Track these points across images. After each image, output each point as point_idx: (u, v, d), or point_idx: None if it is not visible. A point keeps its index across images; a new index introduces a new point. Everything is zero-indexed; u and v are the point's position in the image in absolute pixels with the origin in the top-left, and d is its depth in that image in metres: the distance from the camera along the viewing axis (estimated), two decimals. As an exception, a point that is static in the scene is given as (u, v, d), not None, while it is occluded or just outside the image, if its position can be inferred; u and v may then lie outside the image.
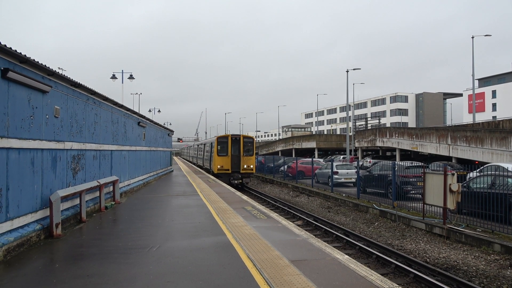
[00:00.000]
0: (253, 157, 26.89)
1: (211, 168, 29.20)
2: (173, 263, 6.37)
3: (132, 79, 34.28)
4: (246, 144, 26.76)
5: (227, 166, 26.20)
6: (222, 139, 26.86)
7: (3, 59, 6.80)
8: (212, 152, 27.93)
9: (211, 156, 28.64)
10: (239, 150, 26.55)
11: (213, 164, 27.39)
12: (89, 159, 11.49)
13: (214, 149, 26.83)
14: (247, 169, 26.54)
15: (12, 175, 7.06)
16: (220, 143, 26.70)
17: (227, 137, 26.76)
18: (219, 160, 26.25)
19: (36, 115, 8.04)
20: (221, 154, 26.48)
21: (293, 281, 5.39)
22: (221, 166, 26.12)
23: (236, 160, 26.42)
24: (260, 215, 10.93)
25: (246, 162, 26.48)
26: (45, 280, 5.58)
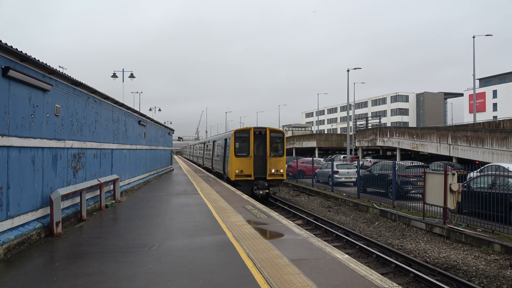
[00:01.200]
0: (283, 158, 19.99)
1: (225, 172, 22.11)
2: (173, 262, 6.38)
3: (133, 77, 34.25)
4: (274, 141, 19.89)
5: (249, 170, 19.33)
6: (241, 134, 19.86)
7: (4, 58, 6.80)
8: (227, 151, 21.13)
9: (225, 156, 21.77)
10: (265, 148, 19.67)
11: (228, 167, 20.49)
12: (89, 158, 11.50)
13: (231, 147, 19.94)
14: (275, 175, 19.65)
15: (12, 173, 7.07)
16: (239, 139, 19.83)
17: (248, 131, 19.74)
18: (237, 163, 19.43)
19: (36, 113, 8.04)
20: (240, 154, 19.57)
21: (293, 280, 5.40)
22: (240, 171, 19.26)
23: (260, 162, 19.62)
24: (261, 214, 10.93)
25: (275, 165, 19.56)
26: (45, 279, 5.59)
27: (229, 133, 22.16)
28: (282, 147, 20.13)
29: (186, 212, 11.40)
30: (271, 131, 19.85)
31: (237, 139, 19.89)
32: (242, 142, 19.78)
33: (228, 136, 21.55)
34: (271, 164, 19.56)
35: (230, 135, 20.44)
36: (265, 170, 19.57)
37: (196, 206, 12.65)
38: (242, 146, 19.76)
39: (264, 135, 19.73)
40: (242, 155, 19.56)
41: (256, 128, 20.11)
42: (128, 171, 16.97)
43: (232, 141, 19.80)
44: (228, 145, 21.07)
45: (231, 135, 20.03)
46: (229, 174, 20.23)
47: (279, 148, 20.14)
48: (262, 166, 19.64)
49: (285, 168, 20.32)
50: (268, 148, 19.58)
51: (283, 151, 20.13)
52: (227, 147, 21.58)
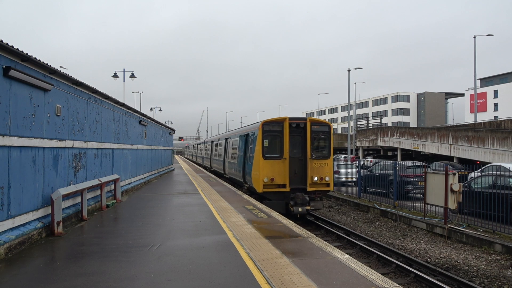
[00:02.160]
0: (329, 161, 14.61)
1: (245, 180, 16.61)
2: (173, 262, 6.38)
3: (134, 77, 34.29)
4: (317, 136, 14.62)
5: (282, 178, 14.07)
6: (271, 127, 14.55)
7: (5, 58, 6.81)
8: (249, 152, 15.81)
9: (246, 159, 16.35)
10: (304, 147, 14.35)
11: (253, 174, 14.88)
12: (90, 158, 11.51)
13: (256, 146, 14.61)
14: (318, 185, 14.29)
15: (13, 173, 7.07)
16: (269, 135, 14.49)
17: (282, 123, 14.31)
18: (266, 168, 14.12)
19: (37, 113, 8.05)
20: (271, 155, 14.25)
21: (294, 280, 5.39)
22: (270, 179, 13.97)
23: (298, 167, 14.34)
24: (261, 214, 10.94)
25: (318, 170, 14.23)
26: (46, 278, 5.60)
27: (252, 126, 16.44)
28: (328, 146, 14.66)
29: (186, 212, 11.40)
30: (313, 123, 14.44)
31: (266, 134, 14.34)
32: (272, 138, 14.41)
33: (251, 131, 15.99)
34: (313, 170, 14.08)
35: (255, 129, 15.04)
36: (305, 178, 14.11)
37: (197, 206, 12.66)
38: (273, 144, 14.39)
39: (303, 128, 14.28)
40: (273, 156, 14.09)
41: (293, 119, 14.30)
42: (129, 171, 16.98)
43: (259, 137, 14.29)
44: (251, 142, 15.63)
45: (257, 129, 14.51)
46: (254, 183, 14.51)
47: (324, 147, 14.67)
48: (301, 172, 14.25)
49: (332, 175, 14.53)
50: (308, 146, 14.12)
51: (329, 151, 14.58)
52: (248, 145, 16.18)
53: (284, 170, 13.99)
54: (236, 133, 20.26)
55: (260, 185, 13.96)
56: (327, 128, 14.81)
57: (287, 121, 14.14)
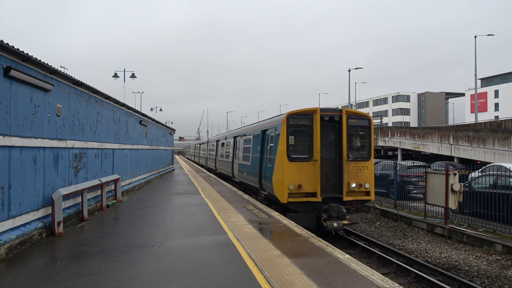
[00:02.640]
0: (370, 163, 11.88)
1: (262, 186, 13.79)
2: (174, 262, 6.38)
3: (134, 77, 34.29)
4: (355, 132, 11.88)
5: (312, 185, 11.34)
6: (299, 120, 11.66)
7: (6, 58, 6.82)
8: (270, 151, 12.89)
9: (264, 160, 13.59)
10: (339, 146, 11.72)
11: (275, 178, 12.05)
12: (91, 158, 11.51)
13: (279, 145, 11.74)
14: (357, 193, 11.69)
15: (14, 173, 7.08)
16: (295, 130, 11.69)
17: (311, 116, 11.59)
18: (292, 172, 11.38)
19: (38, 113, 8.06)
20: (297, 156, 11.54)
21: (294, 280, 5.39)
22: (296, 186, 11.27)
23: (331, 170, 11.69)
24: (262, 214, 10.93)
25: (356, 175, 11.59)
26: (46, 278, 5.60)
27: (272, 120, 13.43)
28: (368, 144, 11.96)
29: (187, 212, 11.40)
30: (350, 116, 11.71)
31: (292, 129, 11.49)
32: (299, 134, 11.65)
33: (270, 126, 13.10)
34: (349, 174, 11.41)
35: (277, 123, 12.22)
36: (340, 184, 11.47)
37: (197, 206, 12.66)
38: (300, 142, 11.71)
39: (338, 122, 11.60)
40: (301, 158, 11.40)
41: (325, 110, 11.62)
42: (129, 171, 16.99)
43: (283, 134, 11.48)
44: (270, 140, 12.82)
45: (281, 124, 11.70)
46: (276, 190, 11.72)
47: (364, 146, 12.03)
48: (334, 177, 11.60)
49: (373, 181, 11.82)
50: (344, 145, 11.42)
51: (369, 150, 11.87)
52: (266, 144, 13.39)
53: (315, 175, 11.23)
54: (249, 129, 17.16)
55: (285, 194, 11.15)
56: (366, 122, 11.98)
57: (318, 113, 11.36)
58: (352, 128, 11.72)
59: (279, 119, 12.30)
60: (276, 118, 13.23)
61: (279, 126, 11.96)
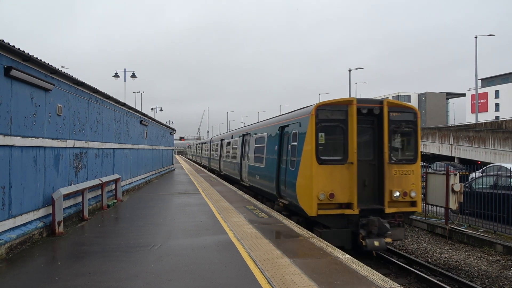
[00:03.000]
0: (416, 166, 9.85)
1: (281, 193, 11.62)
2: (174, 262, 6.38)
3: (135, 77, 34.30)
4: (399, 129, 9.91)
5: (347, 193, 9.31)
6: (330, 113, 9.57)
7: (6, 57, 6.82)
8: (292, 152, 10.76)
9: (283, 163, 11.55)
10: (379, 145, 9.67)
11: (300, 185, 9.95)
12: (91, 157, 11.52)
13: (307, 143, 9.62)
14: (400, 202, 9.57)
15: (14, 173, 7.08)
16: (326, 125, 9.60)
17: (346, 107, 9.54)
18: (322, 176, 9.33)
19: (38, 113, 8.06)
20: (328, 158, 9.52)
21: (295, 281, 5.39)
22: (328, 195, 9.22)
23: (369, 175, 9.69)
24: (262, 214, 10.93)
25: (399, 181, 9.58)
26: (47, 278, 5.60)
27: (295, 114, 11.03)
28: (414, 143, 9.93)
29: (187, 212, 11.40)
30: (392, 109, 9.62)
31: (323, 124, 9.44)
32: (331, 131, 9.59)
33: (293, 121, 10.87)
34: (392, 180, 9.40)
35: (302, 117, 10.05)
36: (380, 192, 9.42)
37: (198, 206, 12.66)
38: (332, 141, 9.65)
39: (378, 116, 9.54)
40: (333, 160, 9.38)
41: (363, 101, 9.55)
42: (130, 170, 16.99)
43: (311, 130, 9.39)
44: (293, 138, 10.60)
45: (308, 118, 9.58)
46: (302, 200, 9.61)
47: (408, 145, 10.03)
48: (373, 184, 9.59)
49: (420, 189, 9.82)
50: (386, 144, 9.35)
51: (415, 151, 9.86)
52: (286, 143, 11.23)
53: (350, 181, 9.14)
54: (262, 126, 14.97)
55: (313, 205, 9.03)
56: (412, 115, 9.84)
57: (353, 104, 9.31)
58: (395, 124, 9.65)
59: (304, 112, 10.05)
60: (300, 111, 10.70)
61: (305, 121, 9.77)
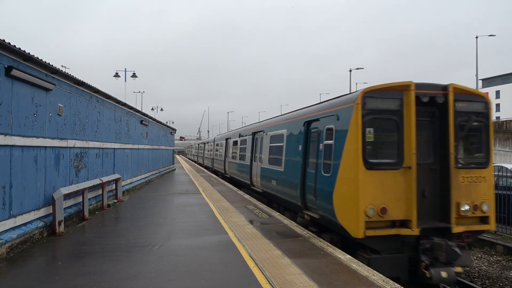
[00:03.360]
0: (488, 171, 7.49)
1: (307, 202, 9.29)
2: (175, 262, 6.38)
3: (135, 77, 34.30)
4: (466, 122, 7.37)
5: (403, 207, 6.94)
6: (381, 102, 7.10)
7: (7, 57, 6.82)
8: (325, 153, 8.29)
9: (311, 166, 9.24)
10: (444, 145, 7.24)
11: (340, 196, 7.49)
12: (91, 157, 11.52)
13: (350, 142, 7.20)
14: (469, 218, 7.26)
15: (15, 172, 7.09)
16: (376, 117, 7.12)
17: (401, 94, 7.12)
18: (370, 185, 6.91)
19: (39, 113, 8.06)
20: (379, 161, 7.11)
21: (295, 281, 5.39)
22: (379, 210, 6.85)
23: (430, 182, 7.24)
24: (262, 214, 10.93)
25: (468, 191, 7.24)
26: (47, 277, 5.60)
27: (334, 102, 8.53)
28: (485, 141, 7.81)
29: (188, 212, 11.40)
30: (459, 96, 7.47)
31: (372, 116, 7.20)
32: (381, 127, 7.42)
33: (326, 113, 8.65)
34: (459, 190, 7.29)
35: (343, 107, 7.79)
36: (445, 206, 7.28)
37: (198, 205, 12.66)
38: (382, 139, 7.54)
39: (441, 106, 7.39)
40: (385, 164, 7.22)
41: (423, 87, 7.30)
42: (130, 170, 17.00)
43: (356, 123, 7.16)
44: (327, 136, 8.39)
45: (351, 108, 7.36)
46: (342, 216, 7.49)
47: (479, 144, 7.87)
48: (434, 194, 7.41)
49: (493, 201, 7.69)
50: (451, 143, 7.23)
51: (487, 151, 7.77)
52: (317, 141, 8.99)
53: (407, 191, 6.97)
54: (279, 122, 12.64)
55: (359, 222, 6.81)
56: (483, 105, 7.63)
57: (411, 90, 7.06)
58: (463, 116, 7.36)
59: (345, 101, 7.68)
60: (337, 100, 8.31)
61: (345, 112, 7.45)
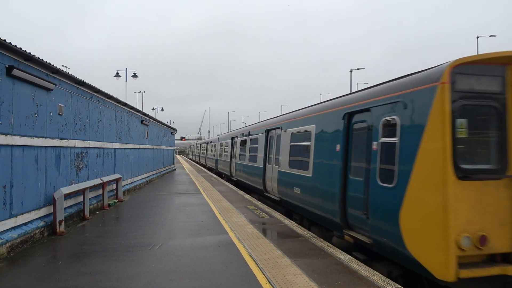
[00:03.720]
0: None
1: (349, 220, 7.19)
2: (175, 262, 6.38)
3: (136, 77, 34.30)
4: None
5: (509, 235, 4.91)
6: (477, 80, 5.08)
7: (8, 57, 6.83)
8: (387, 152, 5.97)
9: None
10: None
11: (412, 217, 5.29)
12: (92, 157, 11.53)
13: (434, 142, 5.01)
14: None
15: (16, 172, 7.09)
16: (469, 104, 5.10)
17: (502, 70, 5.13)
18: (462, 203, 4.82)
19: (40, 112, 8.07)
20: (475, 167, 5.11)
21: (295, 281, 5.39)
22: (476, 239, 4.79)
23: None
24: (263, 214, 10.93)
25: None
26: (48, 277, 5.60)
27: (403, 83, 6.05)
28: None
29: (188, 212, 11.41)
30: None
31: (463, 102, 5.10)
32: (477, 117, 5.35)
33: (388, 99, 6.25)
34: None
35: (420, 88, 5.46)
36: None
37: (199, 205, 12.66)
38: (477, 135, 5.44)
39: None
40: (483, 171, 5.14)
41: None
42: (131, 170, 17.01)
43: (442, 111, 4.97)
44: (387, 131, 6.13)
45: (432, 88, 5.16)
46: (417, 246, 5.24)
47: None
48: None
49: None
50: None
51: None
52: (364, 139, 6.91)
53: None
54: (303, 116, 10.43)
55: (450, 258, 4.82)
56: None
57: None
58: None
59: (419, 81, 5.65)
60: (404, 81, 6.17)
61: (422, 96, 5.45)
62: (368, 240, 6.46)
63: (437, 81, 5.18)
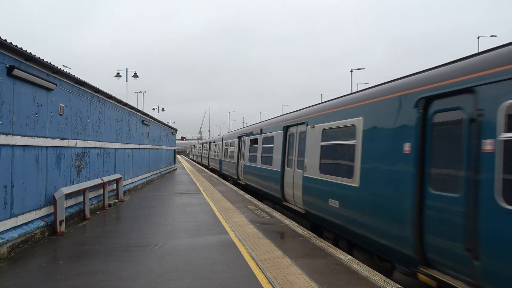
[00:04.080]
0: None
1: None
2: (176, 261, 6.38)
3: (136, 77, 34.33)
4: None
5: None
6: None
7: (9, 57, 6.84)
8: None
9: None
10: None
11: None
12: (93, 157, 11.54)
13: None
14: None
15: (16, 172, 7.10)
16: None
17: None
18: None
19: (40, 112, 8.08)
20: None
21: (296, 281, 5.39)
22: None
23: None
24: (263, 214, 10.93)
25: None
26: (48, 277, 5.61)
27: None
28: None
29: (189, 212, 11.41)
30: None
31: None
32: None
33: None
34: None
35: None
36: None
37: (199, 205, 12.66)
38: None
39: None
40: None
41: None
42: (131, 170, 17.02)
43: None
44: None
45: None
46: None
47: None
48: None
49: None
50: None
51: None
52: (443, 136, 5.10)
53: None
54: (338, 108, 8.36)
55: None
56: None
57: None
58: None
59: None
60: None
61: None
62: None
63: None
